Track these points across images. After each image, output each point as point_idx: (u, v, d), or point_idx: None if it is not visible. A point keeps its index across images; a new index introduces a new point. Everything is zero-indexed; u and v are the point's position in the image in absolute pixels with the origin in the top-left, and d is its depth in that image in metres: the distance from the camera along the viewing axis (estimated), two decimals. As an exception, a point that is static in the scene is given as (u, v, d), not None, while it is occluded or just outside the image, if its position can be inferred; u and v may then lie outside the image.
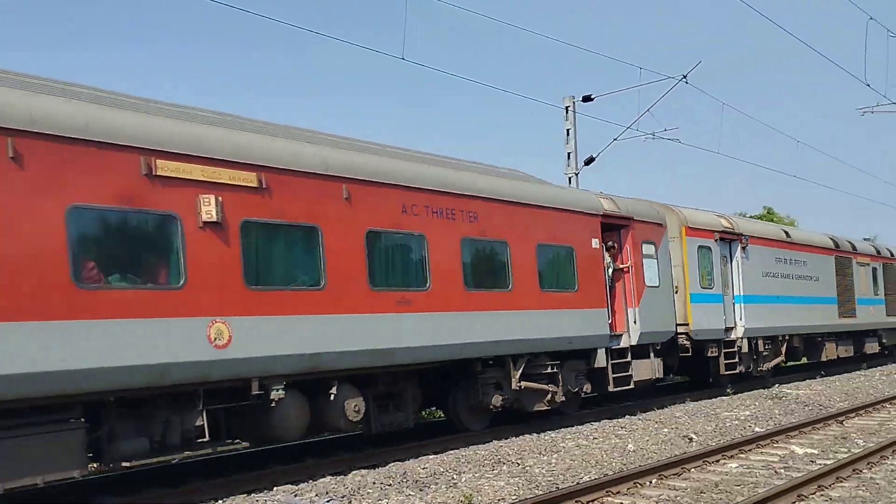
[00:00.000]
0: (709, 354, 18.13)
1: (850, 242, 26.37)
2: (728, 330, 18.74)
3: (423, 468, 10.46)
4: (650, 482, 9.38)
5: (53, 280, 7.56)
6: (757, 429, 13.28)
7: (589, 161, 23.01)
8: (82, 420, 8.08)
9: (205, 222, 8.83)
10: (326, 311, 10.06)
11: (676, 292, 17.12)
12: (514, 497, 8.72)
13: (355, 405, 10.70)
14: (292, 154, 10.00)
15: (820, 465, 10.04)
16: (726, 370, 18.62)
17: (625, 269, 15.48)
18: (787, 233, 22.76)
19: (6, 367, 7.18)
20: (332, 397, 10.38)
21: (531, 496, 8.56)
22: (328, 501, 8.80)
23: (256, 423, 9.83)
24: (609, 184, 31.04)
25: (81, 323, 7.73)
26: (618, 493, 8.88)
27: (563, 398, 13.93)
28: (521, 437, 13.01)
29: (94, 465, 8.88)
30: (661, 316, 16.19)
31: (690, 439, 12.32)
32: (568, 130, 22.90)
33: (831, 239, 25.07)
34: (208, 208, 8.86)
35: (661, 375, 16.71)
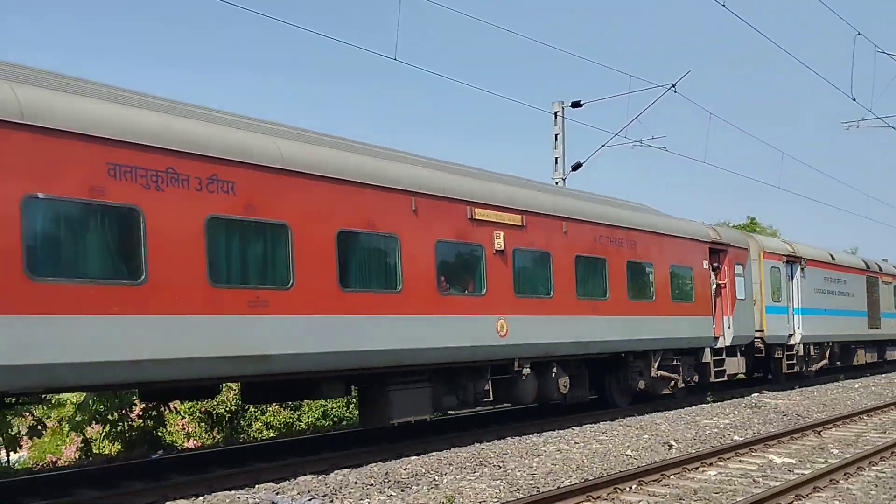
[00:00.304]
0: (776, 356, 22.35)
1: (877, 264, 31.64)
2: (789, 336, 22.93)
3: (405, 469, 10.49)
4: (630, 487, 9.46)
5: (426, 287, 11.81)
6: (736, 437, 13.40)
7: (576, 166, 23.14)
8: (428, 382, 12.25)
9: (496, 250, 12.88)
10: (555, 312, 14.17)
11: (755, 304, 21.01)
12: (495, 500, 8.77)
13: (564, 382, 14.72)
14: (538, 201, 14.24)
15: (798, 474, 10.15)
16: (787, 369, 22.87)
17: (723, 285, 19.38)
18: (832, 256, 27.10)
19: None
20: (553, 375, 14.41)
21: (512, 499, 8.62)
22: (310, 500, 8.82)
23: (512, 389, 13.67)
24: (595, 189, 31.19)
25: (444, 318, 12.00)
26: (598, 497, 8.95)
27: (683, 385, 17.95)
28: (503, 439, 13.08)
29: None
30: (747, 323, 20.44)
31: (670, 446, 12.42)
32: (556, 135, 23.02)
33: (863, 261, 30.29)
34: (499, 241, 12.93)
35: (744, 370, 20.79)
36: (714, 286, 19.02)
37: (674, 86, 21.62)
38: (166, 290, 8.63)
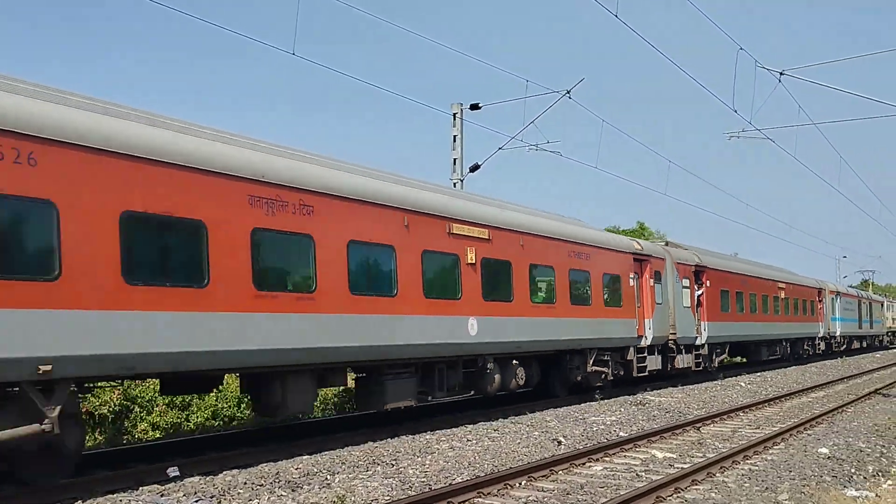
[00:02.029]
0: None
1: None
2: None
3: (297, 468, 10.37)
4: (520, 483, 9.65)
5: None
6: (621, 433, 13.87)
7: (474, 168, 23.39)
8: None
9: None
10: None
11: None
12: (387, 498, 8.78)
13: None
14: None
15: (678, 468, 10.60)
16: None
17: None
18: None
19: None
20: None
21: (404, 497, 8.64)
22: (196, 501, 8.58)
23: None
24: (493, 191, 31.71)
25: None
26: (489, 493, 9.09)
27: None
28: (396, 437, 13.10)
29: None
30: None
31: (559, 442, 12.74)
32: (455, 137, 23.21)
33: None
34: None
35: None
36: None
37: (568, 92, 22.15)
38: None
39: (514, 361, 16.79)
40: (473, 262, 14.92)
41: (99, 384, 11.97)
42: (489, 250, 15.50)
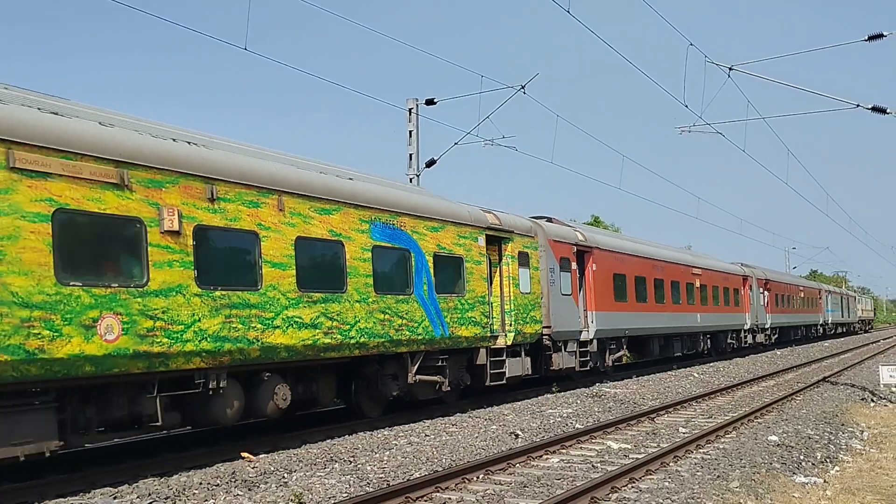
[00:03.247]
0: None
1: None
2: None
3: (253, 467, 10.29)
4: (478, 477, 9.71)
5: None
6: (578, 425, 14.03)
7: (430, 163, 23.37)
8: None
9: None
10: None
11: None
12: (344, 495, 8.76)
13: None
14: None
15: (632, 458, 10.77)
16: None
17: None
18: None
19: None
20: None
21: (362, 493, 8.63)
22: (151, 503, 8.47)
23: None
24: (449, 187, 31.72)
25: None
26: (447, 488, 9.13)
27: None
28: (354, 434, 13.07)
29: None
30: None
31: (517, 436, 12.83)
32: (410, 132, 23.17)
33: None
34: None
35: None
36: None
37: (523, 87, 22.23)
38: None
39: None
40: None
41: None
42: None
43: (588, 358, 21.54)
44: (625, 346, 24.69)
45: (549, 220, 21.86)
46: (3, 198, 8.35)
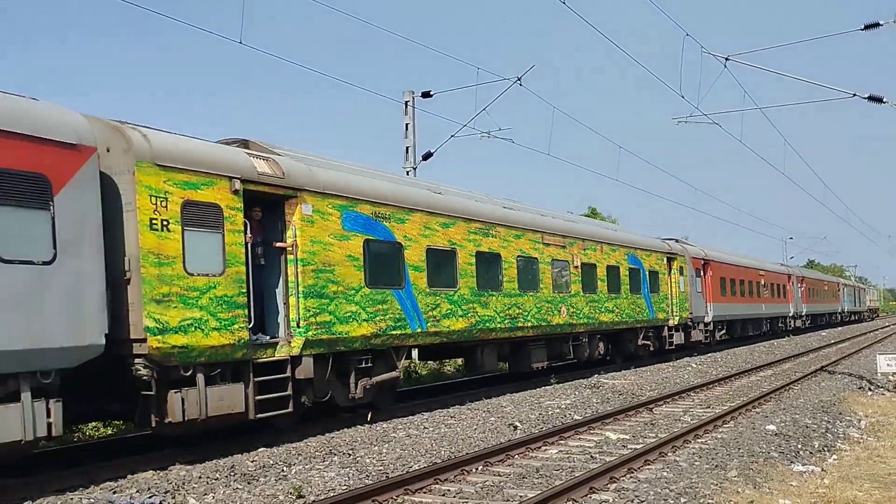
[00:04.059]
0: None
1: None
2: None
3: (253, 461, 10.30)
4: (476, 469, 9.73)
5: None
6: (576, 416, 14.05)
7: (427, 156, 23.38)
8: None
9: None
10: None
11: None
12: (343, 487, 8.78)
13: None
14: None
15: (631, 449, 10.80)
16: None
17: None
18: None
19: None
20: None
21: (361, 486, 8.65)
22: (150, 497, 8.48)
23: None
24: (446, 180, 31.77)
25: None
26: (445, 480, 9.15)
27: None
28: (353, 427, 13.08)
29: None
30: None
31: (515, 427, 12.86)
32: (407, 125, 23.15)
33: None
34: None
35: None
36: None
37: (519, 79, 22.22)
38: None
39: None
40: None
41: None
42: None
43: (708, 334, 31.30)
44: (725, 327, 34.54)
45: (678, 241, 30.87)
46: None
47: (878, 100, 19.15)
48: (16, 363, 8.27)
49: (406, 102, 23.18)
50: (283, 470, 9.78)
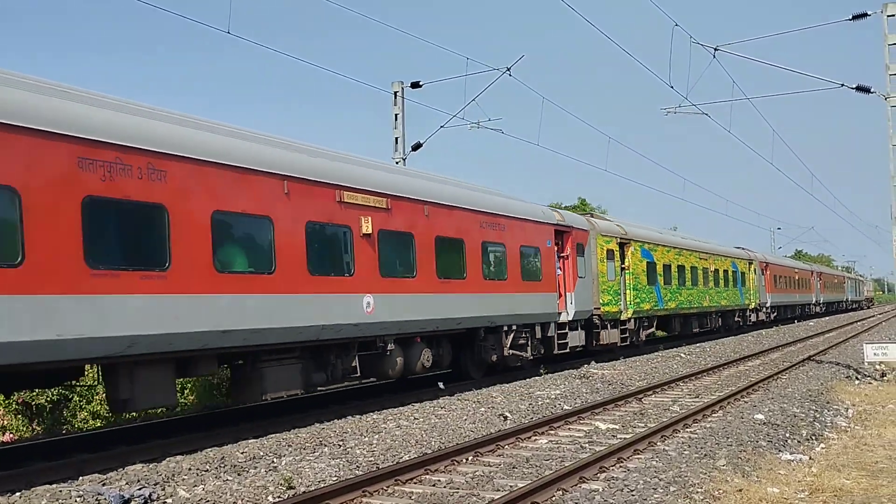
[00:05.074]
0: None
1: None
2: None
3: (243, 452, 10.28)
4: (467, 459, 9.75)
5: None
6: (566, 407, 14.09)
7: (416, 147, 23.33)
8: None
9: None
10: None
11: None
12: (334, 478, 8.78)
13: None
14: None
15: (620, 439, 10.84)
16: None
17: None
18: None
19: None
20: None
21: (351, 476, 8.66)
22: (139, 489, 8.45)
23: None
24: (436, 169, 31.71)
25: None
26: (436, 470, 9.16)
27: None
28: (343, 418, 13.08)
29: None
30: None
31: (505, 417, 12.88)
32: (396, 115, 23.09)
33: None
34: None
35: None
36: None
37: (509, 69, 22.18)
38: None
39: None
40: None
41: None
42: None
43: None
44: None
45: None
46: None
47: (866, 90, 19.23)
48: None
49: (395, 93, 23.11)
50: (273, 461, 9.77)
